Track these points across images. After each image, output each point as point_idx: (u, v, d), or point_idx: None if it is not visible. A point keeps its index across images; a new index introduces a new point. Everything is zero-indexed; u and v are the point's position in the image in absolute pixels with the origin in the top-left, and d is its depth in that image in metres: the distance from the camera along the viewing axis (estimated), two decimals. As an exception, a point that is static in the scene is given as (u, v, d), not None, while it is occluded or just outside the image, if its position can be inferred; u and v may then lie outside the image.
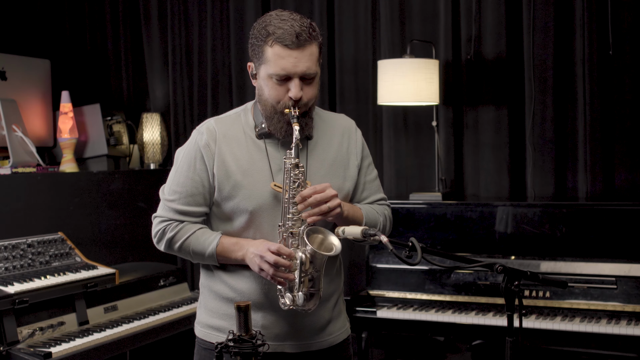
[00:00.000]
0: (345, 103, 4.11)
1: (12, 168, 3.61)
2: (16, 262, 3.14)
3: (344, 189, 2.15)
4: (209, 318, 2.17)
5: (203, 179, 2.09)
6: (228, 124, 2.13)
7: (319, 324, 2.15)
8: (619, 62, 3.51)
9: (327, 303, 2.16)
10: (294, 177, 1.99)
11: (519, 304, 1.87)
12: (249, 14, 4.34)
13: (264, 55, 2.01)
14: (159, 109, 4.71)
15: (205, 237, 2.09)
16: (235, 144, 2.10)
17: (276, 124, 2.05)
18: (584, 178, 3.58)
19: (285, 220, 2.00)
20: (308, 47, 2.00)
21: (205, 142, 2.09)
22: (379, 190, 2.29)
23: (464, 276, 3.32)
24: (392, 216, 2.31)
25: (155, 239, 2.16)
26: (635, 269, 3.06)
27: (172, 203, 2.12)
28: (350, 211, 2.10)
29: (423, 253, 1.80)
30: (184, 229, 2.11)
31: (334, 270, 2.19)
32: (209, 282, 2.19)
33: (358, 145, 2.22)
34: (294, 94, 2.00)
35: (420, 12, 3.93)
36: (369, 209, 2.20)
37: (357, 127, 2.26)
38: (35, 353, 2.81)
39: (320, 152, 2.14)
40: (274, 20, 2.01)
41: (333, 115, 2.27)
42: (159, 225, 2.14)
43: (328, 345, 2.18)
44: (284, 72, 1.99)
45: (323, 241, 1.99)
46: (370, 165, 2.27)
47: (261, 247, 1.99)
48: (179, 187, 2.11)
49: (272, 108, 2.04)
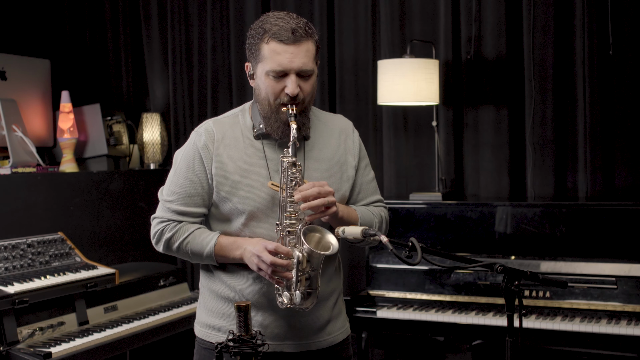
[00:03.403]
0: (345, 103, 4.11)
1: (12, 168, 3.61)
2: (16, 262, 3.14)
3: (340, 189, 2.15)
4: (209, 318, 2.18)
5: (202, 180, 2.09)
6: (226, 125, 2.14)
7: (319, 324, 2.15)
8: (619, 62, 3.51)
9: (326, 302, 2.16)
10: (291, 175, 1.99)
11: (519, 304, 1.87)
12: (249, 14, 4.34)
13: (260, 53, 2.02)
14: (159, 109, 4.71)
15: (204, 237, 2.10)
16: (233, 145, 2.10)
17: (273, 124, 2.06)
18: (584, 178, 3.58)
19: (283, 219, 2.00)
20: (304, 43, 2.01)
21: (203, 144, 2.09)
22: (375, 191, 2.28)
23: (464, 276, 3.32)
24: (392, 216, 2.31)
25: (154, 240, 2.17)
26: (635, 269, 3.06)
27: (170, 204, 2.12)
28: (345, 212, 2.09)
29: (423, 253, 1.80)
30: (182, 229, 2.11)
31: (333, 269, 2.19)
32: (208, 282, 2.19)
33: (355, 146, 2.22)
34: (291, 89, 2.00)
35: (420, 12, 3.93)
36: (365, 210, 2.20)
37: (354, 128, 2.26)
38: (35, 353, 2.81)
39: (318, 152, 2.15)
40: (270, 19, 2.03)
41: (331, 115, 2.27)
42: (158, 226, 2.14)
43: (327, 344, 2.18)
44: (280, 68, 1.99)
45: (320, 240, 1.99)
46: (367, 166, 2.26)
47: (258, 246, 1.99)
48: (177, 187, 2.12)
49: (269, 107, 2.04)
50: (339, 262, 2.25)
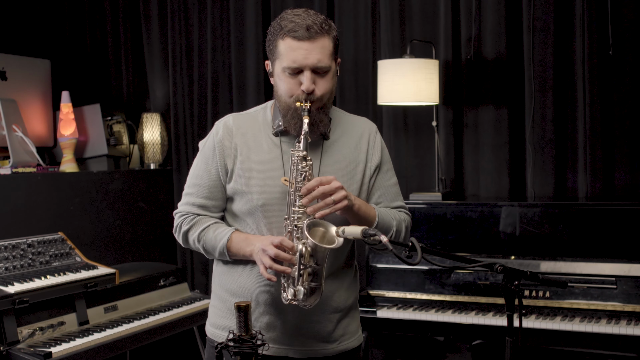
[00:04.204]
0: (345, 103, 4.11)
1: (12, 168, 3.61)
2: (16, 262, 3.14)
3: (356, 192, 2.13)
4: (218, 318, 2.18)
5: (220, 173, 2.12)
6: (246, 120, 2.15)
7: (326, 330, 2.13)
8: (619, 62, 3.51)
9: (337, 312, 2.14)
10: (301, 169, 1.98)
11: (519, 304, 1.87)
12: (249, 14, 4.34)
13: (277, 50, 2.03)
14: (159, 109, 4.71)
15: (218, 232, 2.10)
16: (252, 140, 2.11)
17: (290, 120, 2.06)
18: (584, 178, 3.58)
19: (291, 214, 1.98)
20: (319, 39, 2.00)
21: (220, 137, 2.12)
22: (397, 197, 2.24)
23: (464, 276, 3.32)
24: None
25: (175, 233, 2.20)
26: (635, 269, 3.06)
27: (190, 197, 2.16)
28: (363, 206, 2.06)
29: (423, 253, 1.80)
30: (199, 222, 2.13)
31: (351, 279, 2.19)
32: (220, 280, 2.19)
33: (377, 149, 2.21)
34: (306, 86, 2.00)
35: (420, 12, 3.93)
36: (384, 210, 2.16)
37: (377, 130, 2.25)
38: (35, 353, 2.81)
39: (336, 152, 2.13)
40: (288, 16, 2.03)
41: (354, 117, 2.25)
42: (178, 220, 2.18)
43: (335, 353, 2.15)
44: (295, 65, 1.99)
45: (325, 234, 1.97)
46: (389, 170, 2.24)
47: (266, 241, 1.98)
48: (197, 179, 2.15)
49: (286, 103, 2.05)
50: (355, 272, 2.23)
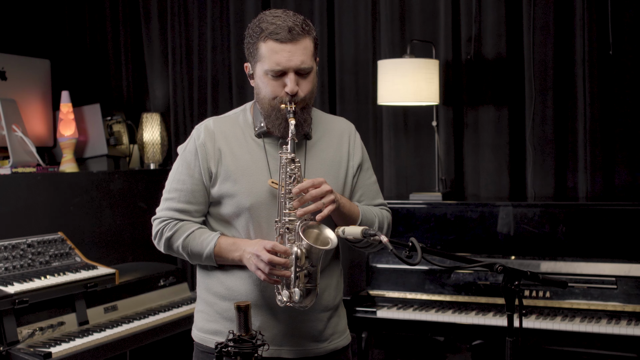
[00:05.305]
0: (345, 103, 4.11)
1: (12, 168, 3.61)
2: (16, 262, 3.14)
3: (339, 191, 2.14)
4: (206, 322, 2.15)
5: (203, 177, 2.09)
6: (227, 123, 2.14)
7: (317, 330, 2.13)
8: (619, 62, 3.51)
9: (327, 310, 2.14)
10: (290, 172, 1.98)
11: (519, 304, 1.87)
12: (249, 14, 4.34)
13: (258, 53, 2.02)
14: (159, 109, 4.71)
15: (204, 238, 2.08)
16: (234, 142, 2.10)
17: (274, 121, 2.05)
18: (584, 178, 3.58)
19: (282, 216, 1.98)
20: (302, 40, 2.00)
21: (202, 141, 2.09)
22: (377, 195, 2.26)
23: (464, 276, 3.32)
24: (392, 216, 2.30)
25: (155, 240, 2.16)
26: (635, 269, 3.06)
27: (171, 202, 2.12)
28: (347, 205, 2.07)
29: (423, 253, 1.80)
30: (182, 228, 2.10)
31: (335, 278, 2.18)
32: (206, 284, 2.17)
33: (357, 148, 2.21)
34: (290, 88, 1.99)
35: (420, 12, 3.93)
36: (367, 208, 2.18)
37: (356, 130, 2.26)
38: (35, 353, 2.81)
39: (319, 152, 2.14)
40: (267, 18, 2.02)
41: (333, 117, 2.27)
42: (158, 226, 2.14)
43: (326, 352, 2.15)
44: (278, 67, 1.99)
45: (319, 236, 1.98)
46: (369, 169, 2.25)
47: (257, 246, 1.97)
48: (178, 184, 2.12)
49: (269, 105, 2.04)
50: (340, 270, 2.24)
